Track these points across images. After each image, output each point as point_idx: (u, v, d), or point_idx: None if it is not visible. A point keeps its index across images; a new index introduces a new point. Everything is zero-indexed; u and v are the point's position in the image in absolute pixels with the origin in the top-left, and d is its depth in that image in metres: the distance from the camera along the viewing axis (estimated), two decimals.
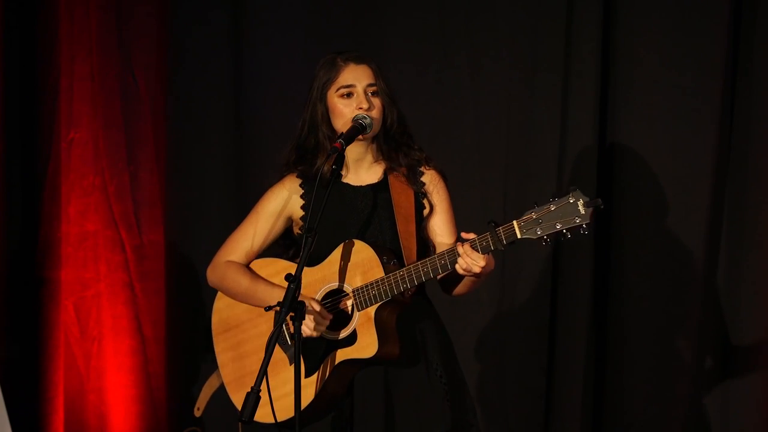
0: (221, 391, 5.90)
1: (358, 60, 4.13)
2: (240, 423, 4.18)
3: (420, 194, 4.13)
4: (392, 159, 4.15)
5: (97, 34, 5.95)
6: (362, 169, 4.18)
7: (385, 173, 4.15)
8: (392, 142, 4.15)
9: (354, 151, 4.15)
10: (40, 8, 5.88)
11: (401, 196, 4.10)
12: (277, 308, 3.85)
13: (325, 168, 4.03)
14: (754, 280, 5.37)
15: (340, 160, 4.00)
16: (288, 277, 3.85)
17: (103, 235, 5.97)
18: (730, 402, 5.43)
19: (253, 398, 3.78)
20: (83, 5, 5.93)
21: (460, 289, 4.11)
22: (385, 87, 4.12)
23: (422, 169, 4.16)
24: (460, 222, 4.23)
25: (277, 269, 4.17)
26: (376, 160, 4.17)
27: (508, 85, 5.61)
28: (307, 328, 3.97)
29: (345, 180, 4.17)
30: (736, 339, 5.42)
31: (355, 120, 4.06)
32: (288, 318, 3.87)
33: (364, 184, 4.16)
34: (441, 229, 4.16)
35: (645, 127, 5.45)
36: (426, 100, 5.67)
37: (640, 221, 5.46)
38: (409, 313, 4.08)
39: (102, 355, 5.96)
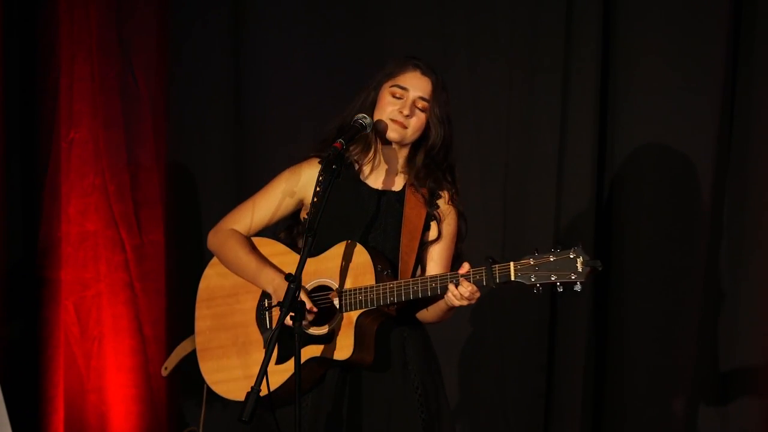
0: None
1: (426, 71, 4.12)
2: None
3: (431, 216, 4.11)
4: (418, 177, 4.12)
5: (97, 34, 5.95)
6: (384, 174, 4.16)
7: (405, 186, 4.13)
8: (428, 164, 4.12)
9: (383, 153, 4.15)
10: (40, 8, 5.88)
11: (413, 211, 4.08)
12: (277, 308, 3.86)
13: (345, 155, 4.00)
14: (754, 280, 5.37)
15: (340, 160, 3.98)
16: (288, 276, 3.84)
17: (103, 235, 5.97)
18: (729, 402, 5.43)
19: (253, 398, 3.77)
20: (83, 5, 5.93)
21: (429, 316, 4.07)
22: (438, 109, 4.09)
23: (441, 192, 4.12)
24: None
25: (274, 251, 4.15)
26: (401, 170, 4.15)
27: (508, 85, 5.61)
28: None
29: (364, 179, 4.16)
30: (736, 339, 5.42)
31: (355, 120, 4.06)
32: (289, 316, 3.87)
33: (381, 188, 4.15)
34: (438, 257, 4.13)
35: (645, 127, 5.45)
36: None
37: (640, 221, 5.46)
38: (393, 322, 4.07)
39: (102, 355, 5.95)
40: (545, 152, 5.56)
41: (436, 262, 4.13)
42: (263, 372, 3.78)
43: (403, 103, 4.07)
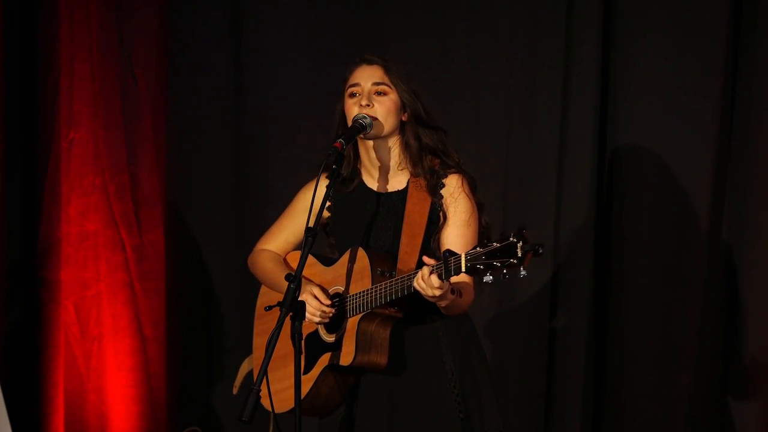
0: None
1: (370, 60, 4.15)
2: (271, 415, 4.20)
3: (437, 206, 4.09)
4: (416, 165, 4.12)
5: (97, 34, 5.95)
6: (387, 175, 4.16)
7: (409, 181, 4.13)
8: (416, 141, 4.13)
9: (374, 154, 4.15)
10: (40, 8, 5.88)
11: (416, 207, 4.07)
12: (277, 308, 3.87)
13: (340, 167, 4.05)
14: (754, 280, 5.37)
15: (339, 160, 4.02)
16: (288, 277, 3.86)
17: (103, 235, 5.97)
18: (730, 402, 5.43)
19: (253, 398, 3.77)
20: (83, 5, 5.93)
21: (442, 309, 4.02)
22: (402, 84, 4.10)
23: (444, 180, 4.11)
24: None
25: (310, 262, 4.18)
26: (401, 167, 4.15)
27: (508, 85, 5.61)
28: (308, 312, 3.99)
29: (368, 184, 4.17)
30: (736, 338, 5.42)
31: (355, 120, 4.07)
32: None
33: (386, 190, 4.15)
34: (451, 244, 4.06)
35: (645, 126, 5.45)
36: (426, 99, 5.66)
37: (640, 221, 5.45)
38: (426, 325, 4.06)
39: (102, 355, 5.96)
40: (545, 152, 5.55)
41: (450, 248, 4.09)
42: (263, 372, 3.79)
43: (360, 98, 4.10)
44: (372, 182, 4.18)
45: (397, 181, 4.15)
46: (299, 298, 3.87)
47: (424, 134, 4.13)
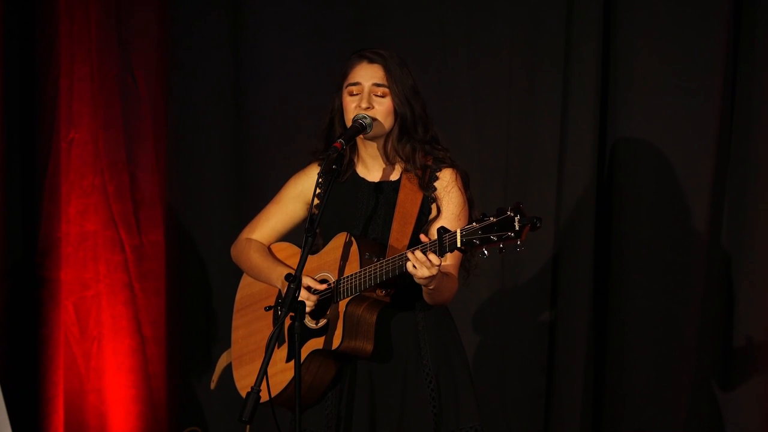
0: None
1: (372, 59, 4.14)
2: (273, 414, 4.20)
3: (429, 199, 4.11)
4: (408, 160, 4.14)
5: (97, 34, 5.95)
6: (380, 167, 4.19)
7: (402, 173, 4.15)
8: (408, 143, 4.14)
9: (370, 147, 4.17)
10: (40, 8, 5.88)
11: (408, 197, 4.09)
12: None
13: (332, 160, 4.04)
14: (754, 280, 5.37)
15: (339, 160, 4.02)
16: (288, 277, 3.87)
17: (103, 235, 5.97)
18: (730, 402, 5.44)
19: (253, 398, 3.78)
20: (83, 5, 5.93)
21: (425, 296, 4.04)
22: (398, 88, 4.11)
23: (438, 174, 4.14)
24: None
25: (292, 252, 4.23)
26: (393, 160, 4.17)
27: (508, 85, 5.61)
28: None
29: (362, 175, 4.19)
30: (736, 339, 5.42)
31: (354, 120, 4.09)
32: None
33: (379, 180, 4.17)
34: None
35: (645, 126, 5.45)
36: (426, 99, 5.65)
37: (640, 221, 5.46)
38: (404, 311, 4.08)
39: (102, 355, 5.96)
40: (545, 152, 5.56)
41: None
42: (263, 372, 3.79)
43: (360, 98, 4.11)
44: (365, 173, 4.20)
45: (391, 172, 4.18)
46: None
47: (413, 132, 4.14)
